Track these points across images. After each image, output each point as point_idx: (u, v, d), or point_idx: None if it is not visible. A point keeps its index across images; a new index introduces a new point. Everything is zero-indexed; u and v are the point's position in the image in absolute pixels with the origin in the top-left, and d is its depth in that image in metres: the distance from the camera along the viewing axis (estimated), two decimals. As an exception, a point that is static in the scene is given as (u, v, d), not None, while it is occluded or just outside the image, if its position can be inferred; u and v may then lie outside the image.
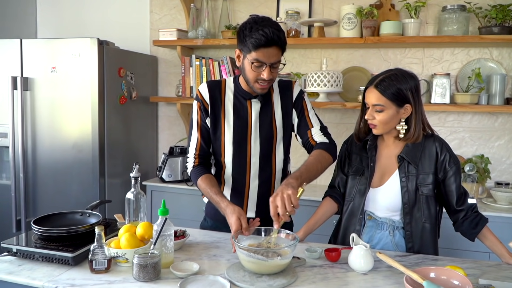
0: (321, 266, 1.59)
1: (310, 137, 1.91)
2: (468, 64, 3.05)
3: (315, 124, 1.93)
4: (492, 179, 3.04)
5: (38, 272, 1.48)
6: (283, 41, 1.72)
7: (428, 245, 1.78)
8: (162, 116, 3.80)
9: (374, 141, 1.87)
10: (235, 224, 1.62)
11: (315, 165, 1.77)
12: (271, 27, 1.67)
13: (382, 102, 1.72)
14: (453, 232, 1.86)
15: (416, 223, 1.77)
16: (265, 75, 1.73)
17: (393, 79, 1.72)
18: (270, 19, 1.73)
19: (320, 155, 1.81)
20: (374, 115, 1.75)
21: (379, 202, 1.82)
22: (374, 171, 1.84)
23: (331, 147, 1.88)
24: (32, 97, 3.07)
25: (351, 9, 3.04)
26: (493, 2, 2.91)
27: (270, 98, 1.93)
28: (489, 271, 1.57)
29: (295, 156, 3.27)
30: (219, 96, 1.92)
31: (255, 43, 1.67)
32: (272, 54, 1.70)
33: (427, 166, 1.77)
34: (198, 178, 1.87)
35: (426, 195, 1.76)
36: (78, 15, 3.88)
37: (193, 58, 3.31)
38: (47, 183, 3.13)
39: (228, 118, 1.90)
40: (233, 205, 1.70)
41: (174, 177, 3.27)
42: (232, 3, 3.48)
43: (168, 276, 1.46)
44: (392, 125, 1.76)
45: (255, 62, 1.71)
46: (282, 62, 1.78)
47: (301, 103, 1.95)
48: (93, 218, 1.77)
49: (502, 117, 3.05)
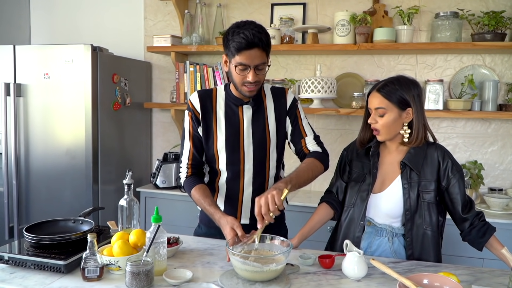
0: (315, 273, 1.59)
1: (304, 146, 1.93)
2: (461, 71, 3.07)
3: (309, 134, 1.95)
4: (485, 185, 3.05)
5: (30, 280, 1.47)
6: (265, 43, 1.71)
7: (429, 252, 1.78)
8: (156, 122, 3.79)
9: (377, 148, 1.88)
10: (229, 234, 1.63)
11: (306, 173, 1.79)
12: (252, 30, 1.68)
13: (384, 105, 1.75)
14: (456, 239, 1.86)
15: (417, 229, 1.77)
16: (250, 78, 1.73)
17: (395, 84, 1.76)
18: (253, 22, 1.74)
19: (312, 163, 1.84)
20: (376, 119, 1.78)
21: (380, 208, 1.82)
22: (376, 178, 1.84)
23: (324, 156, 1.91)
24: (25, 103, 3.05)
25: (345, 15, 3.06)
26: (485, 9, 2.94)
27: (263, 104, 1.93)
28: (483, 277, 1.58)
29: (289, 162, 3.27)
30: (210, 105, 1.92)
31: (237, 46, 1.69)
32: (254, 56, 1.70)
33: (429, 173, 1.78)
34: (192, 188, 1.88)
35: (428, 202, 1.77)
36: (72, 21, 3.87)
37: (187, 64, 3.31)
38: (40, 190, 3.11)
39: (220, 125, 1.91)
40: (226, 216, 1.71)
41: (168, 183, 3.27)
42: (226, 9, 3.49)
43: (161, 283, 1.45)
44: (395, 130, 1.79)
45: (239, 66, 1.73)
46: (267, 63, 1.78)
47: (295, 111, 1.96)
48: (86, 225, 1.76)
49: (495, 123, 3.06)
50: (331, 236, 2.00)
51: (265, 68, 1.77)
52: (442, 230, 1.86)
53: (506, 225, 2.59)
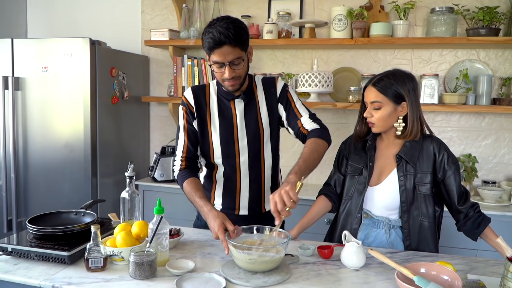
0: (314, 263, 1.62)
1: (300, 126, 1.90)
2: (456, 65, 3.10)
3: (304, 113, 1.93)
4: (479, 178, 3.10)
5: (34, 271, 1.49)
6: (233, 38, 1.68)
7: (426, 243, 1.81)
8: (153, 116, 3.81)
9: (373, 142, 1.91)
10: (219, 227, 1.61)
11: (312, 155, 1.76)
12: (220, 27, 1.68)
13: (379, 99, 1.78)
14: (450, 231, 1.89)
15: (413, 221, 1.80)
16: (226, 74, 1.75)
17: (390, 78, 1.79)
18: (224, 18, 1.72)
19: (314, 143, 1.81)
20: (372, 113, 1.81)
21: (377, 200, 1.86)
22: (373, 171, 1.88)
23: (324, 131, 1.87)
24: (24, 96, 3.06)
25: (342, 10, 3.08)
26: (480, 5, 2.97)
27: (254, 96, 1.95)
28: (477, 267, 1.62)
29: (286, 156, 3.32)
30: (204, 100, 1.95)
31: (208, 46, 1.73)
32: (226, 53, 1.71)
33: (425, 166, 1.81)
34: (184, 181, 1.88)
35: (424, 194, 1.80)
36: (68, 15, 3.87)
37: (185, 58, 3.33)
38: (38, 183, 3.12)
39: (214, 120, 1.93)
40: (216, 211, 1.70)
41: (166, 176, 3.29)
42: (224, 4, 3.50)
43: (164, 274, 1.48)
44: (390, 122, 1.82)
45: (214, 64, 1.76)
46: (244, 57, 1.77)
47: (286, 95, 1.95)
48: (88, 217, 1.79)
49: (489, 117, 3.11)
50: (330, 228, 2.04)
51: (242, 62, 1.77)
52: (440, 221, 1.89)
53: (500, 216, 2.64)
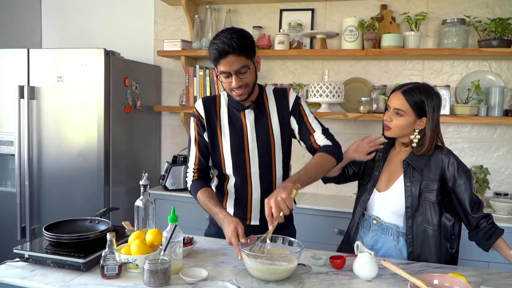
0: (327, 273, 1.63)
1: (313, 142, 1.92)
2: (468, 76, 3.11)
3: (317, 128, 1.94)
4: (491, 190, 3.08)
5: (50, 277, 1.51)
6: (237, 47, 1.71)
7: (429, 252, 1.81)
8: (165, 125, 3.84)
9: (385, 154, 1.96)
10: (233, 233, 1.64)
11: (315, 168, 1.78)
12: (223, 38, 1.71)
13: (404, 108, 1.82)
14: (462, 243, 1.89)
15: (417, 227, 1.81)
16: (233, 83, 1.77)
17: (421, 90, 1.82)
18: (228, 29, 1.77)
19: (321, 158, 1.83)
20: (392, 118, 1.85)
21: (385, 206, 1.88)
22: (377, 180, 1.92)
23: (335, 148, 1.89)
24: (39, 105, 3.11)
25: (353, 21, 3.10)
26: (492, 16, 2.98)
27: (265, 107, 1.96)
28: (490, 279, 1.61)
29: (297, 165, 3.31)
30: (215, 111, 1.97)
31: (213, 57, 1.76)
32: (231, 63, 1.74)
33: (432, 173, 1.82)
34: (198, 191, 1.91)
35: (430, 201, 1.81)
36: (82, 25, 3.94)
37: (197, 68, 3.36)
38: (52, 191, 3.15)
39: (224, 131, 1.95)
40: (231, 216, 1.73)
41: (177, 185, 3.31)
42: (235, 14, 3.54)
43: (177, 282, 1.50)
44: (405, 132, 1.86)
45: (221, 74, 1.79)
46: (251, 65, 1.79)
47: (299, 109, 1.97)
48: (102, 225, 1.81)
49: (501, 128, 3.10)
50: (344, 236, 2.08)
51: (248, 70, 1.79)
52: (452, 231, 1.88)
53: (512, 229, 2.63)
